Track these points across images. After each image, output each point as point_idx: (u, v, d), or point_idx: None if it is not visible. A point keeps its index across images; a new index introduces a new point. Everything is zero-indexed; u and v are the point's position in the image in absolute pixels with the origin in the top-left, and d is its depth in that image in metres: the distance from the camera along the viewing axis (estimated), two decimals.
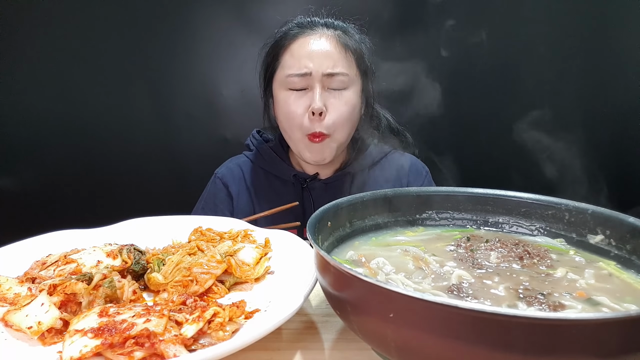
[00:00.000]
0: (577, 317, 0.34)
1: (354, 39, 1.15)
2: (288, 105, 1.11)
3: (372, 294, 0.40)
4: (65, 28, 1.70)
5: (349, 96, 1.11)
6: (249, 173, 1.25)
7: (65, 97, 1.76)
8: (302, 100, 1.09)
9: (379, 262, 0.57)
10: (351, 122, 1.14)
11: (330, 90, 1.10)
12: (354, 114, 1.14)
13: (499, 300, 0.48)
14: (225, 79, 1.83)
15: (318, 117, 1.08)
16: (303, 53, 1.09)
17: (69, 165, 1.81)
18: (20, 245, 0.74)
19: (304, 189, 1.21)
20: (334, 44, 1.10)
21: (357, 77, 1.13)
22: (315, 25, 1.13)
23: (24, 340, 0.51)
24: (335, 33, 1.12)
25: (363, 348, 0.54)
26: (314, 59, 1.08)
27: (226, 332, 0.50)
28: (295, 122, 1.11)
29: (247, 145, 1.30)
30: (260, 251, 0.73)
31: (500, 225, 0.70)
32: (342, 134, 1.13)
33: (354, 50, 1.13)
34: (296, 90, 1.10)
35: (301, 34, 1.11)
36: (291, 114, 1.11)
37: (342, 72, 1.09)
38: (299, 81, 1.09)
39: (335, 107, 1.09)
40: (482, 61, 1.78)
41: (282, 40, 1.13)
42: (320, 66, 1.07)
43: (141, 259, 0.67)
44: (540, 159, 1.88)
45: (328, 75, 1.08)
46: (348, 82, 1.11)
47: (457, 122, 1.85)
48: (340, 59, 1.09)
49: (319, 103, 1.07)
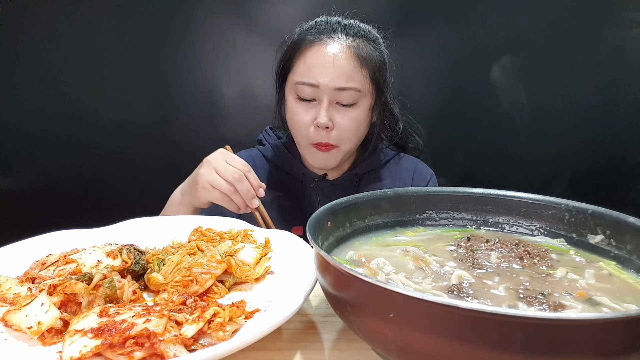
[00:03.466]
0: (577, 317, 0.34)
1: (373, 49, 1.10)
2: (295, 114, 1.11)
3: (372, 294, 0.40)
4: (65, 28, 1.70)
5: (357, 113, 1.09)
6: (261, 166, 1.27)
7: (65, 97, 1.76)
8: (310, 112, 1.08)
9: (379, 262, 0.57)
10: (358, 136, 1.14)
11: (339, 105, 1.07)
12: (360, 128, 1.12)
13: (499, 300, 0.48)
14: (225, 79, 1.83)
15: (324, 129, 1.07)
16: (315, 63, 1.06)
17: (68, 165, 1.81)
18: (20, 245, 0.74)
19: (312, 188, 1.22)
20: (350, 56, 1.05)
21: (369, 92, 1.10)
22: (335, 31, 1.08)
23: (24, 340, 0.51)
24: (354, 42, 1.07)
25: (363, 348, 0.54)
26: (325, 71, 1.04)
27: (226, 332, 0.50)
28: (301, 131, 1.11)
29: (259, 140, 1.31)
30: (260, 251, 0.73)
31: (500, 225, 0.70)
32: (349, 145, 1.13)
33: (370, 63, 1.08)
34: (305, 100, 1.09)
35: (317, 41, 1.07)
36: (297, 123, 1.11)
37: (353, 87, 1.05)
38: (308, 91, 1.07)
39: (342, 123, 1.08)
40: (482, 61, 1.78)
41: (299, 43, 1.10)
42: (331, 80, 1.04)
43: (141, 259, 0.67)
44: (540, 159, 1.89)
45: (338, 90, 1.05)
46: (358, 97, 1.07)
47: (457, 122, 1.85)
48: (353, 74, 1.05)
49: (324, 118, 1.05)
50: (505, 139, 1.85)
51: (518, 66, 1.77)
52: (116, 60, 1.75)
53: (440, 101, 1.86)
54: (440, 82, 1.85)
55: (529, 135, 1.83)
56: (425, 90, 1.83)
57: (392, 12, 1.74)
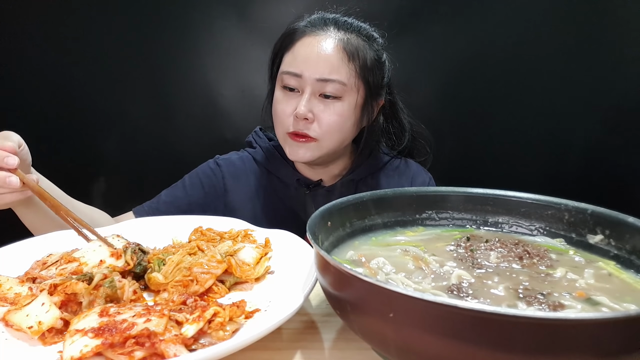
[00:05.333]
0: (576, 317, 0.34)
1: (366, 46, 1.07)
2: (277, 104, 1.08)
3: (372, 293, 0.40)
4: (65, 27, 1.70)
5: (340, 107, 1.04)
6: (252, 170, 1.20)
7: (65, 97, 1.76)
8: (291, 102, 1.05)
9: (379, 262, 0.57)
10: (341, 133, 1.08)
11: (323, 97, 1.04)
12: (345, 125, 1.07)
13: (498, 300, 0.49)
14: (225, 79, 1.83)
15: (304, 121, 1.03)
16: (302, 53, 1.04)
17: (68, 165, 1.81)
18: (21, 245, 0.74)
19: (307, 194, 1.17)
20: (337, 48, 1.03)
21: (356, 88, 1.05)
22: (327, 25, 1.06)
23: (25, 340, 0.51)
24: (344, 36, 1.04)
25: (363, 348, 0.54)
26: (310, 61, 1.02)
27: (226, 332, 0.50)
28: (280, 121, 1.07)
29: (249, 142, 1.25)
30: (261, 251, 0.73)
31: (500, 225, 0.70)
32: (330, 142, 1.07)
33: (360, 58, 1.04)
34: (289, 90, 1.06)
35: (308, 33, 1.05)
36: (278, 112, 1.07)
37: (337, 79, 1.02)
38: (292, 81, 1.04)
39: (323, 116, 1.03)
40: (482, 61, 1.78)
41: (291, 36, 1.08)
42: (314, 71, 1.01)
43: (143, 260, 0.67)
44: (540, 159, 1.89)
45: (321, 81, 1.02)
46: (343, 92, 1.03)
47: (456, 122, 1.85)
48: (339, 67, 1.02)
49: (303, 109, 1.01)
50: (505, 139, 1.84)
51: (519, 66, 1.77)
52: (116, 60, 1.75)
53: (440, 101, 1.86)
54: (439, 82, 1.85)
55: (530, 135, 1.83)
56: (425, 90, 1.83)
57: (391, 12, 1.74)
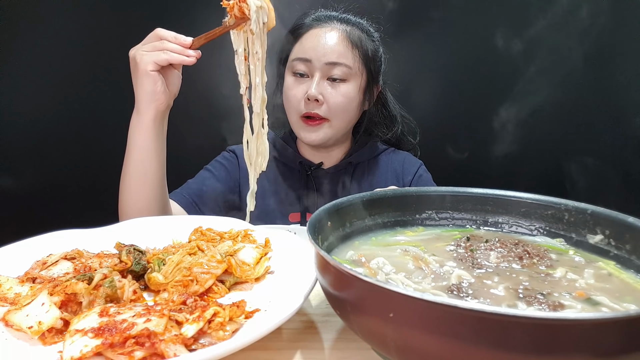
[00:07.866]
0: (576, 317, 0.34)
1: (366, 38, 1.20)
2: (289, 90, 1.19)
3: (372, 293, 0.40)
4: (65, 27, 1.70)
5: (347, 88, 1.16)
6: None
7: (65, 97, 1.76)
8: (302, 87, 1.17)
9: (379, 262, 0.57)
10: (348, 113, 1.20)
11: (331, 80, 1.16)
12: (351, 105, 1.19)
13: (498, 300, 0.48)
14: (225, 79, 1.82)
15: (314, 102, 1.14)
16: (310, 42, 1.16)
17: (68, 165, 1.81)
18: (20, 245, 0.74)
19: (308, 176, 1.28)
20: (342, 37, 1.15)
21: (360, 72, 1.18)
22: (331, 19, 1.19)
23: (25, 340, 0.51)
24: (347, 28, 1.18)
25: (363, 348, 0.54)
26: (318, 48, 1.14)
27: (226, 332, 0.50)
28: (293, 105, 1.19)
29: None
30: (260, 251, 0.73)
31: (499, 225, 0.70)
32: (340, 121, 1.19)
33: (362, 47, 1.17)
34: (299, 75, 1.17)
35: (315, 26, 1.18)
36: (290, 97, 1.19)
37: (344, 63, 1.14)
38: (302, 66, 1.16)
39: (332, 97, 1.15)
40: (482, 60, 1.78)
41: (298, 29, 1.20)
42: (323, 55, 1.14)
43: (142, 259, 0.67)
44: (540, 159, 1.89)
45: (329, 64, 1.14)
46: (349, 75, 1.16)
47: (456, 122, 1.85)
48: (345, 52, 1.14)
49: (314, 91, 1.13)
50: (505, 139, 1.84)
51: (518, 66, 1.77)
52: (116, 60, 1.74)
53: (440, 100, 1.86)
54: (439, 82, 1.85)
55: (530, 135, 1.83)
56: (424, 89, 1.83)
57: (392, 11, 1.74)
